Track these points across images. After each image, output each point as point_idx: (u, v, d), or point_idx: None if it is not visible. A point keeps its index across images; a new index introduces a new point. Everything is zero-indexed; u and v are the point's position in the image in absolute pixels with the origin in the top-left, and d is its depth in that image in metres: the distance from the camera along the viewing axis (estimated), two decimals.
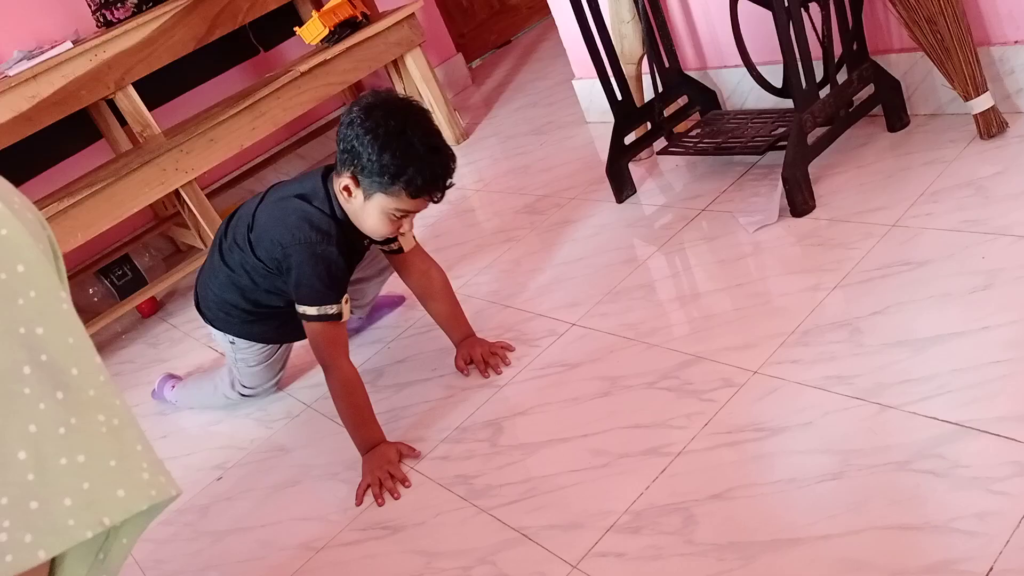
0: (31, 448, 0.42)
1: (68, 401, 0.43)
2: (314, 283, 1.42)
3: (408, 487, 1.37)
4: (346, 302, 1.45)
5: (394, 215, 1.40)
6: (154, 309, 2.62)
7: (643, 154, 2.10)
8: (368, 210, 1.41)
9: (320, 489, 1.48)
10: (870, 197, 1.58)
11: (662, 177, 2.03)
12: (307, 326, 1.45)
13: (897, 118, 1.74)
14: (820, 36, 1.67)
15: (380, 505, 1.36)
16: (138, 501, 0.45)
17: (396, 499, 1.36)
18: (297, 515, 1.44)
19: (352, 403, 1.44)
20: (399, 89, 2.97)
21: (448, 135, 2.88)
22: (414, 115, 1.36)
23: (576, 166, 2.30)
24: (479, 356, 1.56)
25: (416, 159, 1.33)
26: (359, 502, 1.38)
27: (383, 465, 1.39)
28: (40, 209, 2.16)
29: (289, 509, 1.46)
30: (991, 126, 1.57)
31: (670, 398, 1.31)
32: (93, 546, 0.47)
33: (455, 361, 1.60)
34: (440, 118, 2.87)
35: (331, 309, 1.42)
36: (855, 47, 1.70)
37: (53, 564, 0.47)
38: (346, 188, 1.40)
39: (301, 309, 1.44)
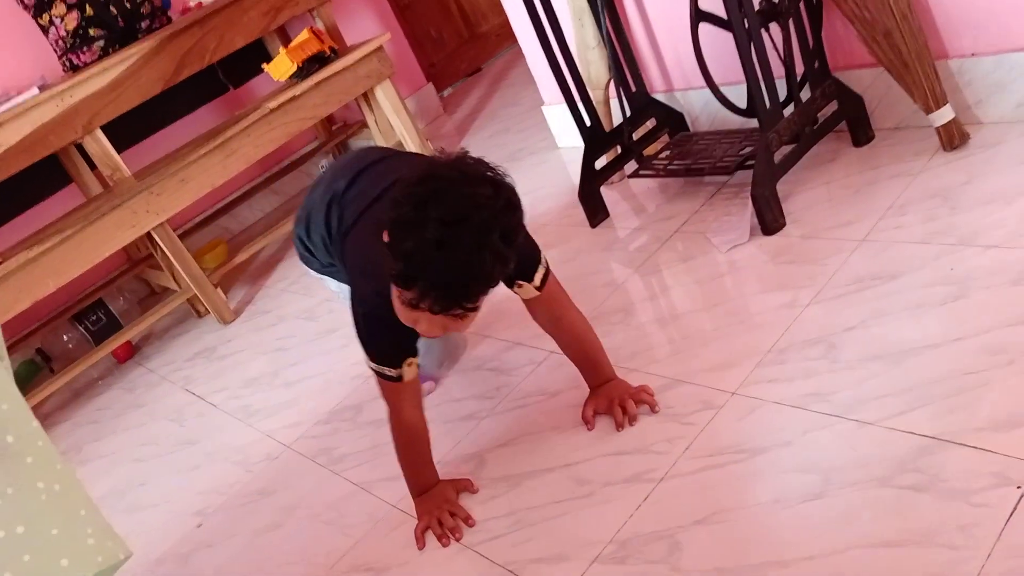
0: None
1: (4, 470, 0.42)
2: (371, 341, 1.25)
3: (472, 525, 1.27)
4: (409, 365, 1.24)
5: (408, 306, 1.09)
6: (130, 354, 2.59)
7: (614, 178, 2.11)
8: (393, 294, 1.13)
9: (303, 532, 1.46)
10: (839, 212, 1.59)
11: (634, 200, 2.04)
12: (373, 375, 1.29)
13: (862, 133, 1.77)
14: (782, 55, 1.69)
15: (445, 546, 1.26)
16: (83, 569, 0.43)
17: (458, 539, 1.25)
18: (281, 560, 1.42)
19: (407, 450, 1.33)
20: (369, 120, 2.98)
21: None
22: (442, 192, 1.02)
23: (549, 191, 2.31)
24: (614, 407, 1.33)
25: (421, 257, 1.02)
26: (421, 545, 1.28)
27: (441, 504, 1.30)
28: (10, 257, 2.15)
29: (272, 554, 1.44)
30: (953, 138, 1.60)
31: (651, 423, 1.31)
32: None
33: (583, 408, 1.38)
34: (412, 148, 2.87)
35: (389, 371, 1.24)
36: (816, 65, 1.72)
37: None
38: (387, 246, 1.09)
39: (365, 357, 1.27)
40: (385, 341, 1.22)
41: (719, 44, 1.80)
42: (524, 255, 1.22)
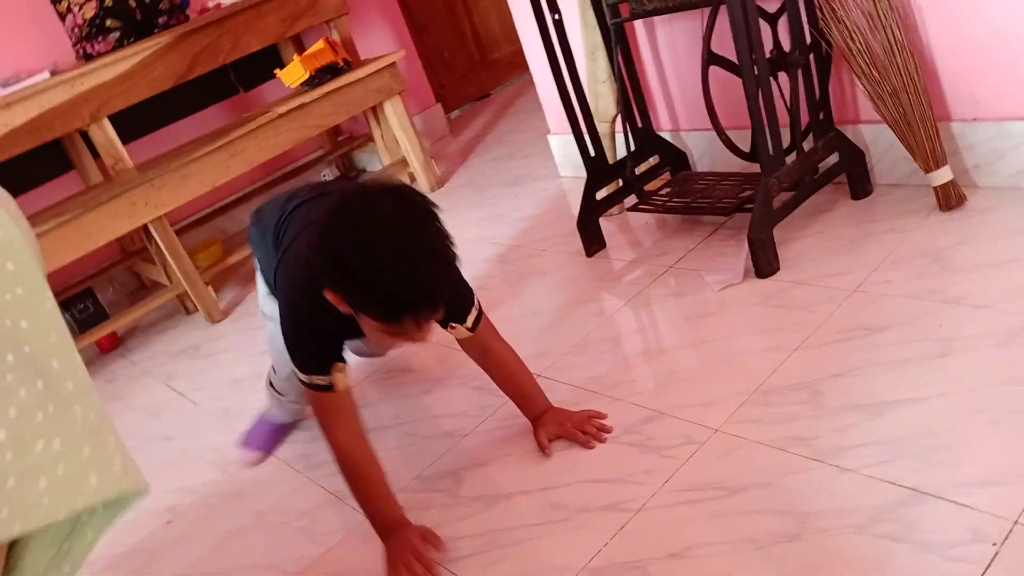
0: (11, 430, 0.46)
1: (47, 391, 0.47)
2: (299, 348, 1.29)
3: None
4: (339, 371, 1.27)
5: (388, 333, 1.17)
6: (114, 345, 2.57)
7: (614, 210, 2.13)
8: (363, 323, 1.19)
9: (274, 537, 1.44)
10: (833, 262, 1.61)
11: (631, 233, 2.06)
12: (304, 391, 1.32)
13: (861, 187, 1.79)
14: (788, 104, 1.72)
15: None
16: (109, 489, 0.48)
17: None
18: (249, 563, 1.40)
19: (352, 478, 1.28)
20: (376, 134, 2.99)
21: (423, 182, 2.90)
22: (378, 220, 1.12)
23: (548, 218, 2.32)
24: (570, 430, 1.38)
25: (379, 280, 1.10)
26: None
27: (406, 548, 1.22)
28: None
29: (241, 557, 1.42)
30: (950, 199, 1.62)
31: (632, 453, 1.31)
32: (59, 535, 0.50)
33: (536, 437, 1.40)
34: (416, 165, 2.89)
35: (319, 380, 1.27)
36: (821, 116, 1.75)
37: (18, 550, 0.49)
38: (334, 298, 1.17)
39: (295, 371, 1.30)
40: (312, 347, 1.28)
41: (726, 88, 1.83)
42: (457, 300, 1.36)
